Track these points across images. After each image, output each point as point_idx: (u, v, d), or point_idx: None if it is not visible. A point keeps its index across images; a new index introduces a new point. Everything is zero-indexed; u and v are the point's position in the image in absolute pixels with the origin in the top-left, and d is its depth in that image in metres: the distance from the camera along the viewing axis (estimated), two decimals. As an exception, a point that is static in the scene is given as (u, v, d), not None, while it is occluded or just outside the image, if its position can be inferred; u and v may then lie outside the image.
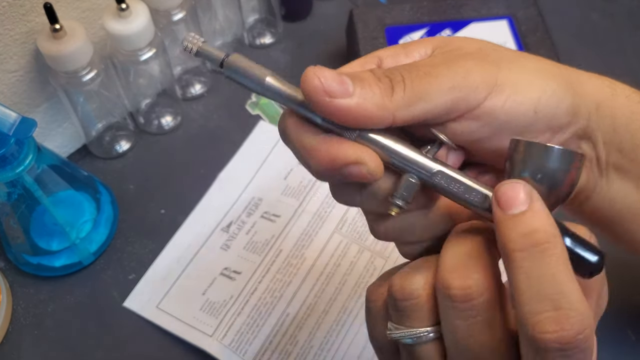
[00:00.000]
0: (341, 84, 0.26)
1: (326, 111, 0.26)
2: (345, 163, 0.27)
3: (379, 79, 0.27)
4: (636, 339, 0.51)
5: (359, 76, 0.27)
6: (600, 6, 0.72)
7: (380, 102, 0.27)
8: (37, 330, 0.53)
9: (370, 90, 0.27)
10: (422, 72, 0.28)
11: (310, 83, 0.26)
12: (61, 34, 0.50)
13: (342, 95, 0.26)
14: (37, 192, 0.49)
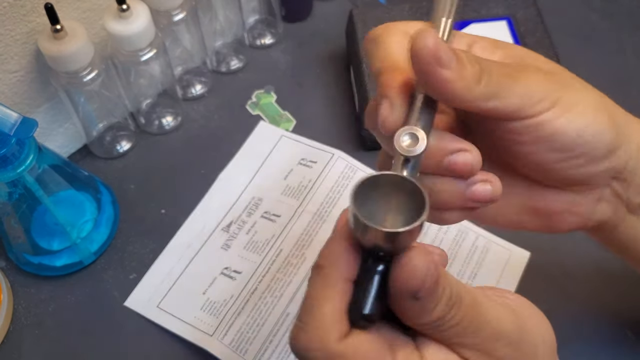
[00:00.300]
0: (447, 54, 0.28)
1: (427, 75, 0.28)
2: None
3: (472, 63, 0.29)
4: (635, 339, 0.51)
5: (457, 53, 0.29)
6: (600, 6, 0.72)
7: (468, 85, 0.29)
8: (38, 330, 0.53)
9: (464, 70, 0.29)
10: (506, 72, 0.30)
11: (424, 42, 0.27)
12: (62, 34, 0.50)
13: (445, 65, 0.28)
14: (38, 192, 0.49)
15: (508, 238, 0.56)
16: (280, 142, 0.62)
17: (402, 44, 0.31)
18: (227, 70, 0.68)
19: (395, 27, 0.33)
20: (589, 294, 0.53)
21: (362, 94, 0.58)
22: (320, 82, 0.67)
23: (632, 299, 0.53)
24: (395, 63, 0.31)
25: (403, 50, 0.31)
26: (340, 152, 0.60)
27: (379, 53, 0.32)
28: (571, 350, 0.51)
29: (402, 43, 0.31)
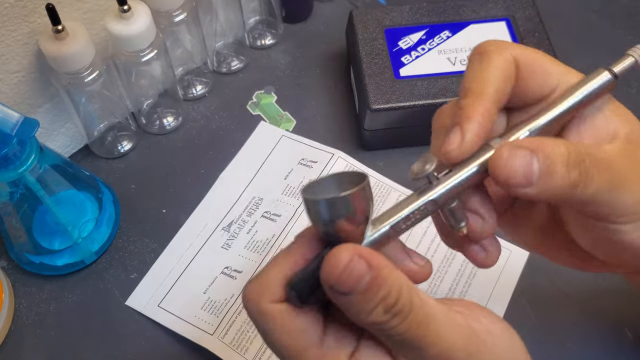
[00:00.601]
0: (526, 178, 0.27)
1: (502, 188, 0.28)
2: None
3: (569, 172, 0.28)
4: (634, 338, 0.51)
5: (550, 160, 0.27)
6: (599, 7, 0.72)
7: (556, 194, 0.28)
8: (39, 329, 0.53)
9: (554, 182, 0.28)
10: (611, 182, 0.28)
11: (498, 173, 0.27)
12: (63, 35, 0.50)
13: (522, 186, 0.28)
14: (39, 191, 0.50)
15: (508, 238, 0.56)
16: (281, 142, 0.62)
17: (505, 70, 0.30)
18: (227, 70, 0.68)
19: (506, 49, 0.31)
20: (588, 294, 0.53)
21: (362, 95, 0.59)
22: (320, 83, 0.67)
23: (632, 299, 0.53)
24: (485, 93, 0.30)
25: (502, 76, 0.30)
26: (340, 152, 0.60)
27: (479, 71, 0.30)
28: (570, 350, 0.51)
29: (505, 69, 0.30)
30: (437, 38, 0.61)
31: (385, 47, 0.60)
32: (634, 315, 0.52)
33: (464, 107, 0.29)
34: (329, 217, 0.26)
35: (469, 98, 0.30)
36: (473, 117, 0.29)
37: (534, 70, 0.31)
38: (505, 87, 0.30)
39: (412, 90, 0.57)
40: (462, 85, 0.31)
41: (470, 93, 0.30)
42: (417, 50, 0.60)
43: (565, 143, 0.28)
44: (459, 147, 0.29)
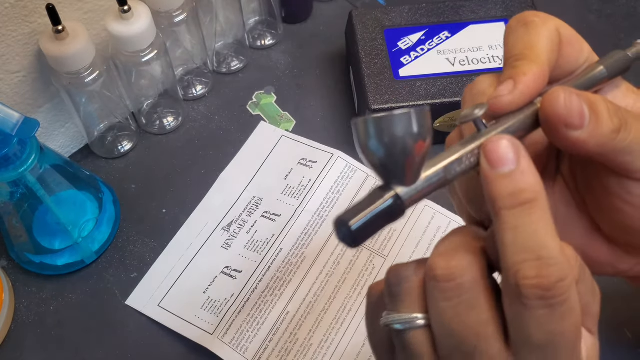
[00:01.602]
0: (580, 118, 0.28)
1: (555, 136, 0.29)
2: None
3: (612, 118, 0.29)
4: (633, 338, 0.51)
5: (597, 109, 0.28)
6: (597, 8, 0.72)
7: (602, 141, 0.28)
8: (40, 329, 0.53)
9: (600, 128, 0.28)
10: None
11: (557, 110, 0.28)
12: (63, 35, 0.50)
13: (576, 127, 0.28)
14: (39, 191, 0.50)
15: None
16: (281, 142, 0.62)
17: (552, 38, 0.31)
18: (227, 70, 0.68)
19: (551, 20, 0.31)
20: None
21: (362, 95, 0.59)
22: (320, 83, 0.67)
23: (632, 299, 0.53)
24: (539, 57, 0.30)
25: (550, 44, 0.31)
26: (340, 152, 0.60)
27: (528, 38, 0.30)
28: (569, 348, 0.51)
29: (552, 37, 0.31)
30: (436, 39, 0.61)
31: (384, 48, 0.60)
32: (633, 316, 0.52)
33: (518, 66, 0.29)
34: (386, 139, 0.24)
35: (523, 59, 0.30)
36: (529, 73, 0.29)
37: (572, 42, 0.32)
38: (554, 56, 0.31)
39: (411, 91, 0.58)
40: (511, 52, 0.31)
41: (524, 57, 0.30)
42: (416, 50, 0.60)
43: (602, 97, 0.29)
44: (510, 93, 0.29)
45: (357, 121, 0.24)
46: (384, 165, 0.25)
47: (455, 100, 0.57)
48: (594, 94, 0.29)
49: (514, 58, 0.30)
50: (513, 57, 0.30)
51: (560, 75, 0.32)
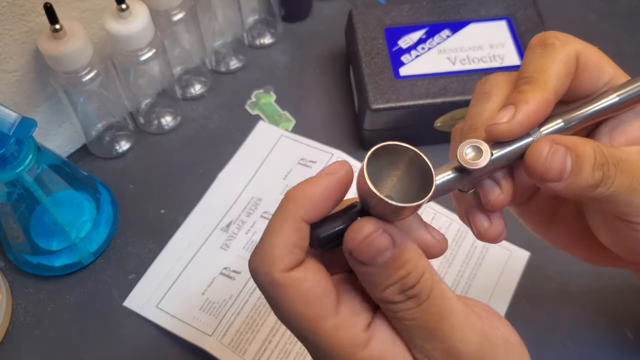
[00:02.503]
0: (559, 174, 0.29)
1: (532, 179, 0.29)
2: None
3: (594, 172, 0.29)
4: (634, 339, 0.51)
5: (580, 161, 0.29)
6: (599, 7, 0.72)
7: (578, 192, 0.29)
8: (37, 330, 0.53)
9: (579, 181, 0.29)
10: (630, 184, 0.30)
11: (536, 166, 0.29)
12: (61, 34, 0.50)
13: (553, 181, 0.29)
14: (37, 191, 0.49)
15: (508, 238, 0.55)
16: (280, 142, 0.62)
17: (568, 65, 0.31)
18: (226, 70, 0.68)
19: (572, 43, 0.31)
20: (588, 294, 0.53)
21: (362, 94, 0.58)
22: (319, 82, 0.67)
23: (632, 299, 0.53)
24: (547, 83, 0.30)
25: (564, 71, 0.31)
26: (339, 152, 0.60)
27: (542, 61, 0.31)
28: (570, 350, 0.51)
29: (568, 63, 0.31)
30: (437, 37, 0.61)
31: (385, 47, 0.60)
32: (634, 316, 0.52)
33: (523, 91, 0.30)
34: (384, 213, 0.27)
35: (531, 85, 0.30)
36: (531, 101, 0.29)
37: (589, 67, 0.32)
38: (565, 82, 0.31)
39: (412, 90, 0.57)
40: (522, 73, 0.31)
41: (533, 81, 0.30)
42: (417, 49, 0.60)
43: (592, 143, 0.29)
44: (508, 122, 0.29)
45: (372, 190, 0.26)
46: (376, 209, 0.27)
47: (456, 100, 0.57)
48: (586, 145, 0.29)
49: (523, 80, 0.31)
50: (523, 79, 0.31)
51: (573, 98, 0.32)
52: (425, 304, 0.27)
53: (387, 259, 0.26)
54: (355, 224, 0.27)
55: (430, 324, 0.27)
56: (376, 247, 0.26)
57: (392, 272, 0.27)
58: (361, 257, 0.27)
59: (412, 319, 0.27)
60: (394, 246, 0.26)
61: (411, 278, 0.27)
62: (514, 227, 0.56)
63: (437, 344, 0.27)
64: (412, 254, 0.27)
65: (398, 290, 0.27)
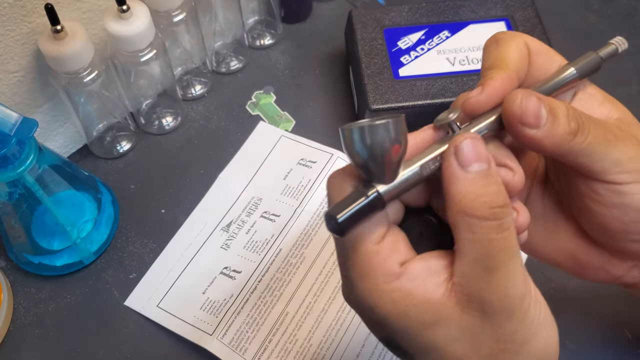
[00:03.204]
0: (536, 118, 0.31)
1: (514, 133, 0.31)
2: None
3: (569, 121, 0.31)
4: (634, 339, 0.51)
5: (556, 112, 0.31)
6: (598, 8, 0.72)
7: (558, 141, 0.31)
8: (38, 330, 0.53)
9: (557, 128, 0.31)
10: (603, 134, 0.32)
11: (512, 109, 0.31)
12: (62, 35, 0.50)
13: (531, 126, 0.31)
14: (38, 191, 0.50)
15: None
16: (280, 142, 0.62)
17: (520, 50, 0.33)
18: (226, 70, 0.68)
19: (519, 35, 0.34)
20: (588, 294, 0.53)
21: (361, 95, 0.58)
22: (319, 83, 0.67)
23: (631, 299, 0.53)
24: (507, 65, 0.32)
25: (518, 55, 0.33)
26: (339, 152, 0.60)
27: (496, 52, 0.33)
28: (570, 350, 0.51)
29: (520, 50, 0.33)
30: (436, 38, 0.61)
31: (384, 47, 0.60)
32: (633, 316, 0.52)
33: (487, 75, 0.32)
34: (368, 144, 0.28)
35: (491, 70, 0.32)
36: (496, 77, 0.32)
37: (541, 52, 0.34)
38: (523, 65, 0.33)
39: (411, 91, 0.57)
40: (483, 67, 0.34)
41: (495, 66, 0.32)
42: (416, 50, 0.60)
43: (564, 102, 0.32)
44: (477, 95, 0.31)
45: (343, 128, 0.28)
46: (366, 166, 0.29)
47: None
48: (557, 101, 0.31)
49: (485, 69, 0.33)
50: (485, 69, 0.33)
51: (533, 83, 0.34)
52: (506, 233, 0.28)
53: (483, 170, 0.29)
54: (458, 135, 0.30)
55: (499, 257, 0.28)
56: (478, 152, 0.29)
57: (486, 184, 0.28)
58: (463, 155, 0.29)
59: (489, 245, 0.28)
60: (489, 163, 0.29)
61: (500, 197, 0.28)
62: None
63: (494, 278, 0.28)
64: (500, 180, 0.29)
65: (488, 205, 0.28)
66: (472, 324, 0.28)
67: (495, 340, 0.29)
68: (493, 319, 0.28)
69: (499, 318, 0.28)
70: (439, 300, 0.29)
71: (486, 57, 0.34)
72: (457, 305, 0.29)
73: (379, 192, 0.29)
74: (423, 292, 0.29)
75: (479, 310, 0.28)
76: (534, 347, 0.30)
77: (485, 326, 0.28)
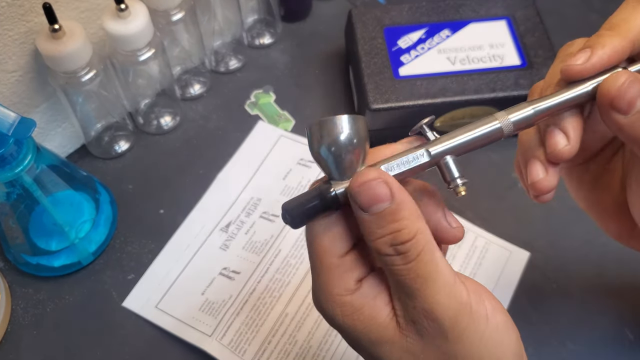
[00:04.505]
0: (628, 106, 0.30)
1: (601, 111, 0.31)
2: None
3: None
4: (634, 338, 0.51)
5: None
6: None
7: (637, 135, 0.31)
8: (36, 330, 0.53)
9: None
10: None
11: (610, 90, 0.30)
12: (60, 34, 0.50)
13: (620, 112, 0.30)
14: (36, 192, 0.49)
15: (508, 238, 0.56)
16: (279, 142, 0.62)
17: None
18: (225, 70, 0.67)
19: None
20: (588, 294, 0.53)
21: (361, 94, 0.58)
22: (319, 82, 0.67)
23: (632, 299, 0.53)
24: (629, 32, 0.31)
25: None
26: (339, 152, 0.60)
27: (628, 12, 0.32)
28: (570, 350, 0.51)
29: None
30: (436, 37, 0.61)
31: (384, 47, 0.60)
32: (634, 316, 0.52)
33: (602, 36, 0.31)
34: (322, 139, 0.28)
35: (611, 30, 0.31)
36: (607, 46, 0.31)
37: None
38: None
39: (411, 90, 0.57)
40: (608, 20, 0.32)
41: (615, 27, 0.31)
42: (416, 49, 0.60)
43: None
44: (582, 64, 0.31)
45: (308, 126, 0.29)
46: (322, 162, 0.29)
47: (455, 100, 0.57)
48: None
49: (606, 26, 0.32)
50: (606, 25, 0.32)
51: None
52: (413, 263, 0.28)
53: (383, 210, 0.28)
54: (363, 170, 0.29)
55: (414, 283, 0.28)
56: (373, 194, 0.28)
57: (385, 224, 0.28)
58: (359, 200, 0.28)
59: (399, 274, 0.29)
60: (392, 199, 0.28)
61: (403, 234, 0.28)
62: (514, 227, 0.56)
63: (418, 303, 0.29)
64: (408, 213, 0.28)
65: (389, 243, 0.28)
66: (413, 346, 0.29)
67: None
68: (429, 340, 0.29)
69: (435, 339, 0.29)
70: (383, 321, 0.30)
71: (618, 11, 0.32)
72: (397, 327, 0.30)
73: (334, 191, 0.29)
74: (370, 311, 0.30)
75: (416, 332, 0.29)
76: None
77: (425, 348, 0.29)
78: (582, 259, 0.55)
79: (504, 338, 0.30)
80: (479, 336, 0.29)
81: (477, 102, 0.57)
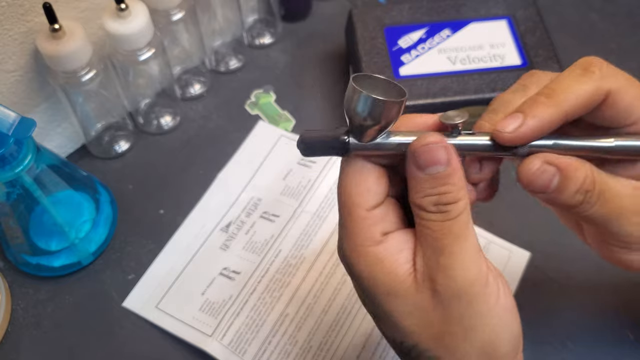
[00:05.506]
0: (543, 189, 0.33)
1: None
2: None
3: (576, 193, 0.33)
4: (635, 339, 0.51)
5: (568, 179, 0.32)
6: (600, 6, 0.72)
7: (561, 206, 0.34)
8: (36, 331, 0.53)
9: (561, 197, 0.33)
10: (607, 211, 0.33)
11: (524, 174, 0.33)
12: (60, 33, 0.50)
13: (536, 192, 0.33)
14: (36, 192, 0.49)
15: (508, 238, 0.56)
16: (280, 142, 0.62)
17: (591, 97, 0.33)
18: (226, 69, 0.67)
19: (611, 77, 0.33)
20: (589, 294, 0.53)
21: (362, 94, 0.58)
22: (319, 82, 0.67)
23: (632, 299, 0.52)
24: (562, 104, 0.32)
25: (584, 101, 0.33)
26: (339, 152, 0.60)
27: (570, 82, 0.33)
28: (571, 350, 0.51)
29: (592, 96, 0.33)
30: (437, 37, 0.60)
31: (384, 46, 0.60)
32: (634, 316, 0.52)
33: (537, 103, 0.32)
34: (366, 112, 0.31)
35: (549, 98, 0.32)
36: (538, 117, 0.32)
37: (617, 107, 0.33)
38: (581, 111, 0.33)
39: (412, 90, 0.57)
40: (552, 83, 0.33)
41: (552, 95, 0.33)
42: (417, 49, 0.60)
43: (586, 168, 0.32)
44: (511, 133, 0.32)
45: (354, 86, 0.31)
46: (354, 122, 0.32)
47: (456, 99, 0.57)
48: (579, 164, 0.32)
49: (547, 89, 0.33)
50: (547, 88, 0.33)
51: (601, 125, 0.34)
52: (450, 222, 0.31)
53: (438, 172, 0.31)
54: (425, 134, 0.31)
55: (446, 239, 0.31)
56: (434, 155, 0.31)
57: (436, 185, 0.31)
58: (419, 158, 0.31)
59: (433, 229, 0.31)
60: (448, 164, 0.31)
61: (448, 197, 0.31)
62: (514, 227, 0.56)
63: (441, 259, 0.30)
64: (457, 179, 0.31)
65: (434, 202, 0.31)
66: (425, 302, 0.31)
67: (444, 321, 0.31)
68: (442, 299, 0.31)
69: (448, 299, 0.31)
70: (402, 274, 0.31)
71: (563, 77, 0.33)
72: (414, 282, 0.31)
73: (348, 142, 0.32)
74: (391, 263, 0.31)
75: (431, 289, 0.31)
76: (479, 337, 0.31)
77: (436, 306, 0.31)
78: (583, 259, 0.55)
79: (508, 321, 0.32)
80: (487, 308, 0.31)
81: (477, 102, 0.57)
